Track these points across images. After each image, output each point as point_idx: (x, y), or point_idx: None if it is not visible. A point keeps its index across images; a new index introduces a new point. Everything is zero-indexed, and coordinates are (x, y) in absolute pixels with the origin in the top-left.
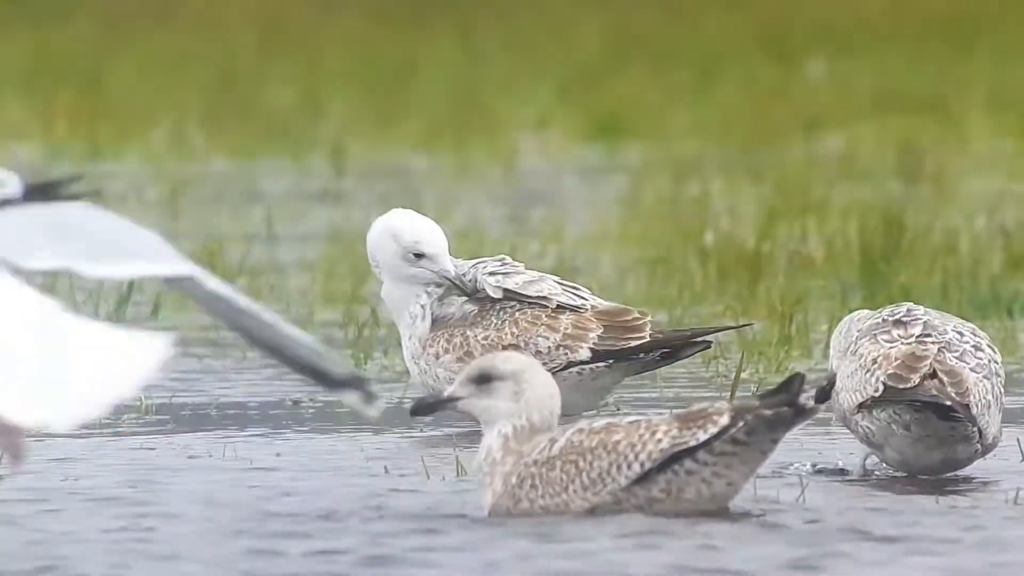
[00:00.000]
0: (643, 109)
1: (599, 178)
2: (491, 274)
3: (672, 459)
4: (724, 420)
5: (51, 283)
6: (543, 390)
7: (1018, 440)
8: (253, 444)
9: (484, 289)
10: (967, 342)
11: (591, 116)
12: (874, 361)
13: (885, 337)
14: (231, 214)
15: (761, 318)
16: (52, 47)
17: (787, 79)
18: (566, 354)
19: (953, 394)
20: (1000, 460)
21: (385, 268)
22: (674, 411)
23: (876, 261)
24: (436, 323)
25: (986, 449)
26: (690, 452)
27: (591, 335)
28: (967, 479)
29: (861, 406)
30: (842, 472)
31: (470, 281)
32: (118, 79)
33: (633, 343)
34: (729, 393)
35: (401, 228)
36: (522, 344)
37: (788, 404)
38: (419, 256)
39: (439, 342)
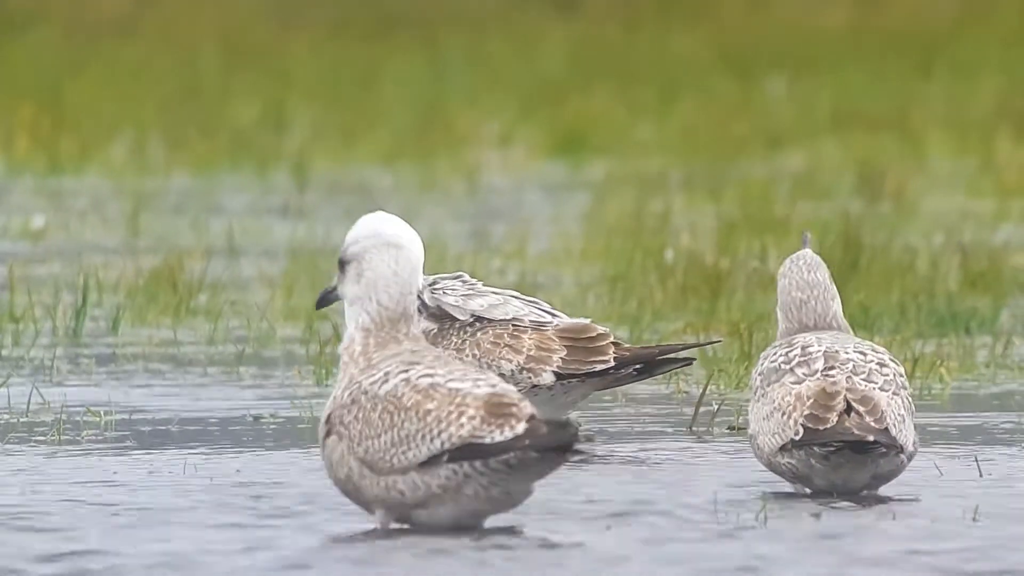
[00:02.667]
0: (606, 126)
1: (561, 194)
2: (453, 296)
3: (463, 451)
4: (519, 428)
5: (7, 298)
6: (385, 268)
7: (976, 458)
8: (213, 460)
9: (444, 309)
10: (871, 361)
11: (554, 132)
12: (789, 404)
13: (791, 379)
14: (192, 228)
15: (722, 334)
16: (12, 61)
17: (748, 97)
18: (530, 377)
19: (871, 423)
20: (959, 478)
21: None
22: (494, 388)
23: (835, 278)
24: None
25: (909, 458)
26: (480, 451)
27: (555, 357)
28: (925, 497)
29: (783, 448)
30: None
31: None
32: (79, 93)
33: (598, 367)
34: (693, 410)
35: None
36: (483, 366)
37: (563, 448)
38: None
39: None
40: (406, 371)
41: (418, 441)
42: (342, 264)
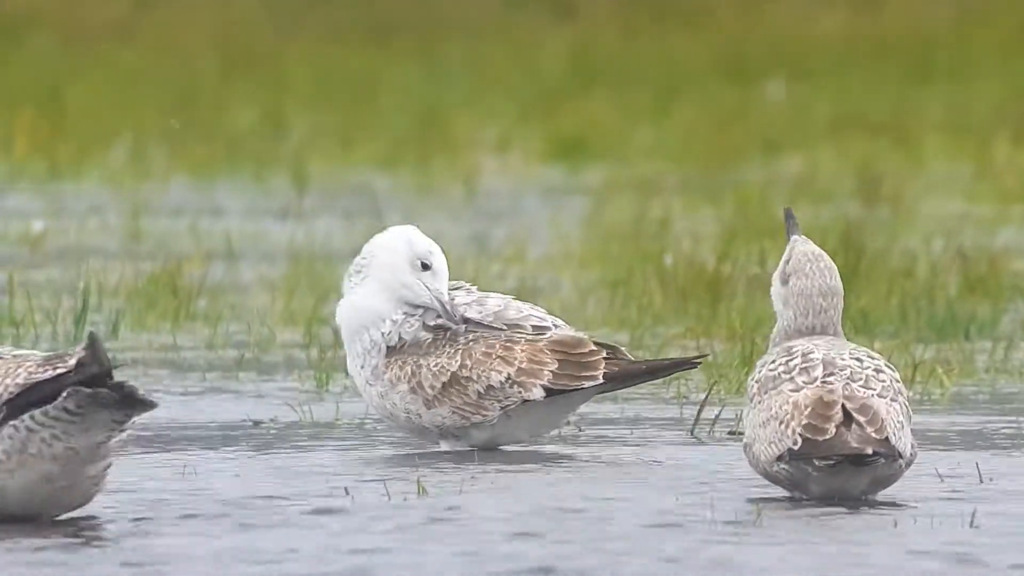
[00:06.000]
0: (604, 130)
1: (560, 199)
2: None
3: (22, 408)
4: (71, 362)
5: (7, 303)
6: None
7: (976, 464)
8: (213, 465)
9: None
10: (867, 368)
11: (552, 137)
12: (786, 412)
13: (790, 387)
14: (191, 233)
15: (721, 339)
16: (11, 66)
17: (746, 102)
18: (519, 391)
19: (872, 434)
20: (959, 483)
21: (377, 271)
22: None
23: None
24: (393, 350)
25: (908, 464)
26: (34, 391)
27: (545, 371)
28: (924, 502)
29: (779, 457)
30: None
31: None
32: (78, 98)
33: (587, 384)
34: (695, 415)
35: (418, 237)
36: (474, 377)
37: (110, 386)
38: (426, 267)
39: (393, 368)
40: None
41: None
42: None
